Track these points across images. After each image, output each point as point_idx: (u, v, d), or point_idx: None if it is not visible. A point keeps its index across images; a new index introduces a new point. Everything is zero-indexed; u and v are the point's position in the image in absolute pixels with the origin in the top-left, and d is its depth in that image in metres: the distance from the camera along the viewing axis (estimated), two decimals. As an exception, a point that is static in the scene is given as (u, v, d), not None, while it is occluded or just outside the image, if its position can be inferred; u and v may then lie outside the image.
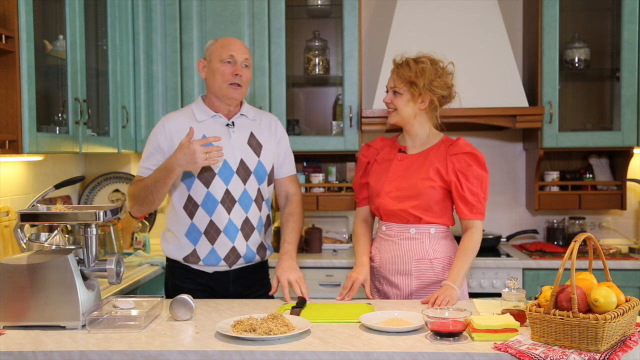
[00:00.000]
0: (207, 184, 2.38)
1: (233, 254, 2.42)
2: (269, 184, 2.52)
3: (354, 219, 2.61)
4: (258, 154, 2.46)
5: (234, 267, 2.45)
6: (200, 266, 2.44)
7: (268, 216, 2.55)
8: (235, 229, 2.41)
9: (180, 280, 2.46)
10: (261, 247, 2.51)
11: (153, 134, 2.45)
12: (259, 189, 2.47)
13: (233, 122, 2.45)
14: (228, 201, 2.39)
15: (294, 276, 2.36)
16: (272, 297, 2.51)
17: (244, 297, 2.47)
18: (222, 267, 2.44)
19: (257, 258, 2.50)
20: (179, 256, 2.45)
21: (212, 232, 2.40)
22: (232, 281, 2.47)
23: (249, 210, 2.43)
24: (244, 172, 2.42)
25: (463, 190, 2.34)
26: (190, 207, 2.40)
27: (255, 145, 2.47)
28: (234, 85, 2.38)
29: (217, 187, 2.38)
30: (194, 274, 2.46)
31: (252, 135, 2.47)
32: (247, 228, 2.44)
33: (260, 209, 2.48)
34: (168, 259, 2.53)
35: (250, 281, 2.52)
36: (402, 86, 2.37)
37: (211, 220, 2.39)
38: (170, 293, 2.48)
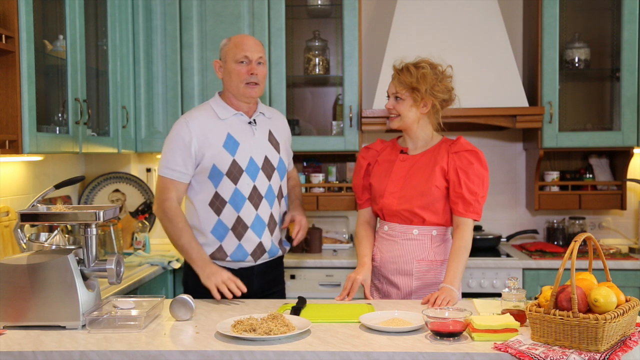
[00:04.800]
0: (235, 180, 2.39)
1: (259, 249, 2.45)
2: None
3: (356, 221, 2.61)
4: (278, 151, 2.51)
5: (258, 262, 2.48)
6: (227, 262, 2.44)
7: (285, 213, 2.60)
8: (262, 225, 2.44)
9: None
10: (281, 242, 2.57)
11: (176, 134, 2.40)
12: (280, 186, 2.52)
13: (255, 120, 2.48)
14: (255, 197, 2.41)
15: (303, 220, 2.54)
16: (281, 296, 2.60)
17: (264, 291, 2.51)
18: (248, 262, 2.46)
19: (280, 252, 2.55)
20: None
21: (239, 228, 2.41)
22: (256, 276, 2.49)
23: (273, 205, 2.48)
24: (268, 168, 2.46)
25: (461, 188, 2.34)
26: (217, 203, 2.40)
27: (274, 142, 2.52)
28: (251, 85, 2.40)
29: (245, 184, 2.40)
30: None
31: (270, 133, 2.52)
32: (272, 223, 2.48)
33: (280, 204, 2.53)
34: None
35: (270, 277, 2.55)
36: (404, 92, 2.37)
37: (239, 217, 2.40)
38: (192, 292, 2.35)
